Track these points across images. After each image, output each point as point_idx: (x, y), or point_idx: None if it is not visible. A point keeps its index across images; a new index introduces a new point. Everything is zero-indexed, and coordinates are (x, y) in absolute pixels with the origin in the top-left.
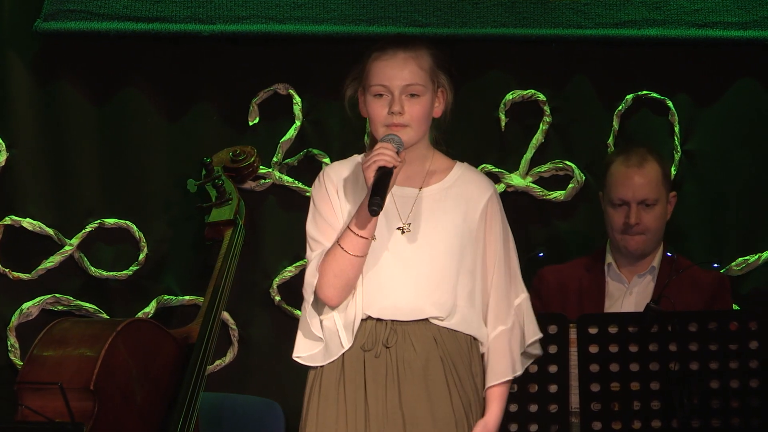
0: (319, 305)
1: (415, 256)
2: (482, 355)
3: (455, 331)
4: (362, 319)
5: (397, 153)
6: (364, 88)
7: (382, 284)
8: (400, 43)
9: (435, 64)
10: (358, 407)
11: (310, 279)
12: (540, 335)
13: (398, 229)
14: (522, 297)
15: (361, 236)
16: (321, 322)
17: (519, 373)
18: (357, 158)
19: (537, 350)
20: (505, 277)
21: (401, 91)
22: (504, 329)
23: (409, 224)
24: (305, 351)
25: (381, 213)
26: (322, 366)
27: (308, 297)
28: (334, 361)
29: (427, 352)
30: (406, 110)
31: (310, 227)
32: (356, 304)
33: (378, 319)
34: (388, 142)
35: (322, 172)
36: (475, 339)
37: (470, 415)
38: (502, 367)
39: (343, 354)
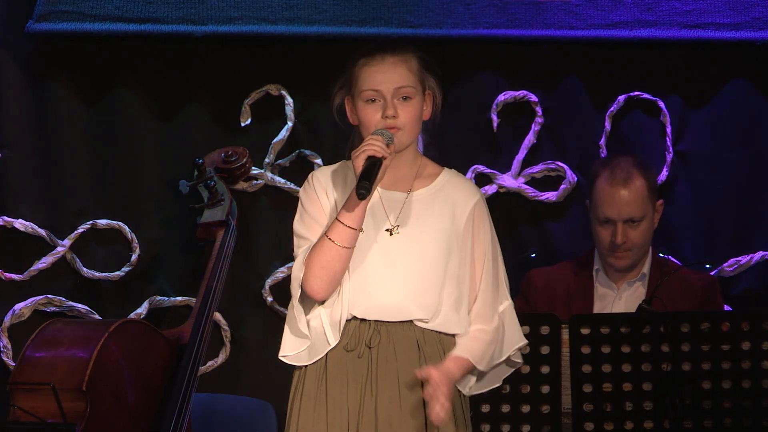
0: (306, 302)
1: (402, 258)
2: None
3: (439, 332)
4: (347, 319)
5: (387, 146)
6: (354, 95)
7: (369, 285)
8: (387, 47)
9: (422, 66)
10: (340, 407)
11: (297, 273)
12: (524, 342)
13: (387, 230)
14: (506, 304)
15: (349, 227)
16: (308, 321)
17: (483, 369)
18: (346, 163)
19: (518, 359)
20: (492, 282)
21: (393, 94)
22: (484, 328)
23: (398, 226)
24: (291, 350)
25: (369, 215)
26: (305, 366)
27: (295, 292)
28: (317, 361)
29: (408, 356)
30: (399, 113)
31: (297, 225)
32: (342, 302)
33: (362, 320)
34: (379, 136)
35: (311, 175)
36: None
37: (450, 419)
38: (468, 350)
39: (327, 354)
